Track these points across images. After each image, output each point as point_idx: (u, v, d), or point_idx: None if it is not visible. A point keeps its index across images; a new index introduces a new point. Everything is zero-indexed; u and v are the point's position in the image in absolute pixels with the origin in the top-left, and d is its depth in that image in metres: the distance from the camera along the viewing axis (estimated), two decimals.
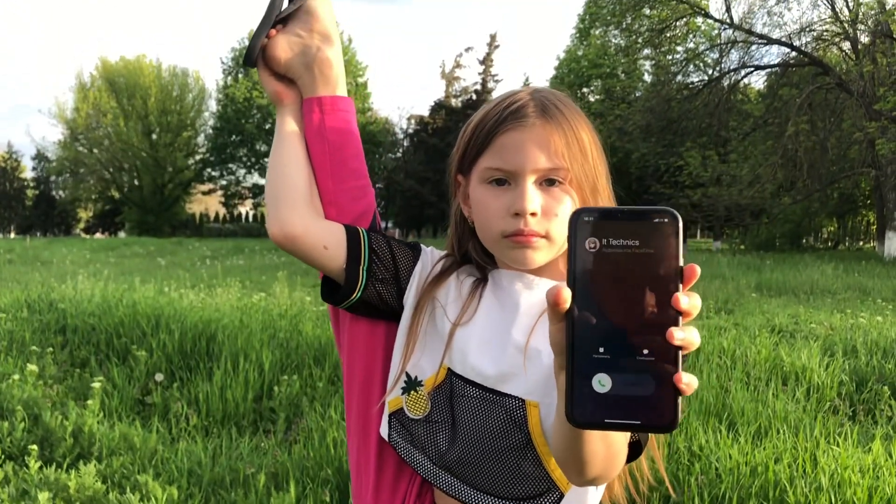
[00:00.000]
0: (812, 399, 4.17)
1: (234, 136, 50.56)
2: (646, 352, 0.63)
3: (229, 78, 51.54)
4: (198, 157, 58.00)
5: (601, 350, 0.63)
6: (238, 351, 4.76)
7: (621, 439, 0.83)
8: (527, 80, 71.01)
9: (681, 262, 0.63)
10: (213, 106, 56.92)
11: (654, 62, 33.42)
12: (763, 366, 4.59)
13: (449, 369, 1.09)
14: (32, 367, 4.16)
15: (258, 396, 4.43)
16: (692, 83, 30.49)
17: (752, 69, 28.11)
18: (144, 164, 56.19)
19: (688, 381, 0.61)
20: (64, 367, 4.93)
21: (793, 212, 29.89)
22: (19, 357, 4.82)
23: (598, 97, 38.09)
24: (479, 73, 53.36)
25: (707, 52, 30.84)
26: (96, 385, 4.02)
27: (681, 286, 0.62)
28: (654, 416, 0.63)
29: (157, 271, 15.85)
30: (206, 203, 68.55)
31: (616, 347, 0.63)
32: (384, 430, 1.15)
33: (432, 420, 1.10)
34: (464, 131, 1.11)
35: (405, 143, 53.02)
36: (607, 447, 0.79)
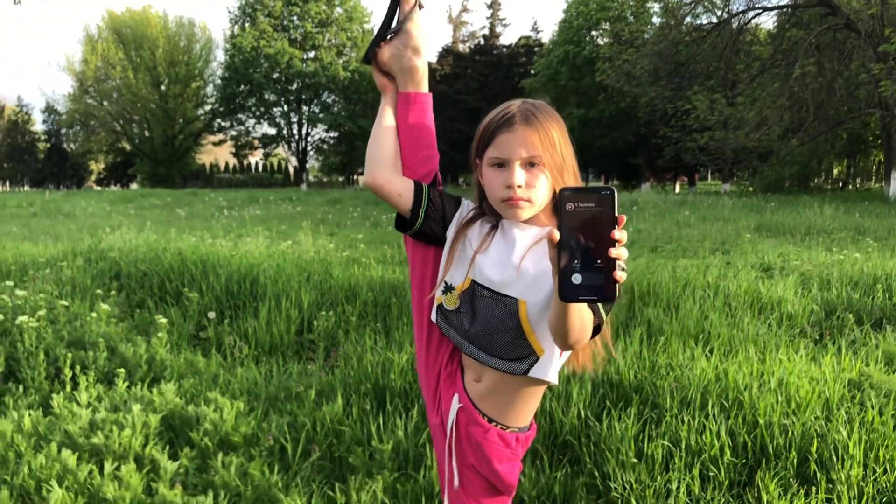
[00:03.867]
0: (784, 326, 4.76)
1: (242, 86, 50.53)
2: (599, 262, 1.22)
3: (236, 27, 51.34)
4: (207, 108, 58.23)
5: (575, 262, 1.22)
6: (279, 291, 5.37)
7: (589, 318, 1.42)
8: (535, 24, 70.35)
9: (616, 214, 1.21)
10: (220, 56, 57.03)
11: (662, 4, 33.33)
12: (743, 297, 5.17)
13: (472, 280, 1.70)
14: (105, 307, 4.78)
15: (299, 330, 5.06)
16: (701, 25, 30.46)
17: (761, 10, 28.03)
18: (154, 116, 56.45)
19: (620, 275, 1.21)
20: (123, 308, 5.56)
21: (800, 153, 30.14)
22: (85, 300, 5.45)
23: (606, 41, 38.01)
24: (487, 18, 53.16)
25: None
26: (163, 320, 4.64)
27: (616, 226, 1.21)
28: (604, 294, 1.22)
29: (178, 222, 16.48)
30: (215, 153, 68.91)
31: (583, 260, 1.22)
32: (434, 316, 1.80)
33: (460, 311, 1.73)
34: (478, 130, 1.71)
35: None
36: (581, 321, 1.39)
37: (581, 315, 1.37)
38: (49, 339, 4.39)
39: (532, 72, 45.35)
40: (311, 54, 51.29)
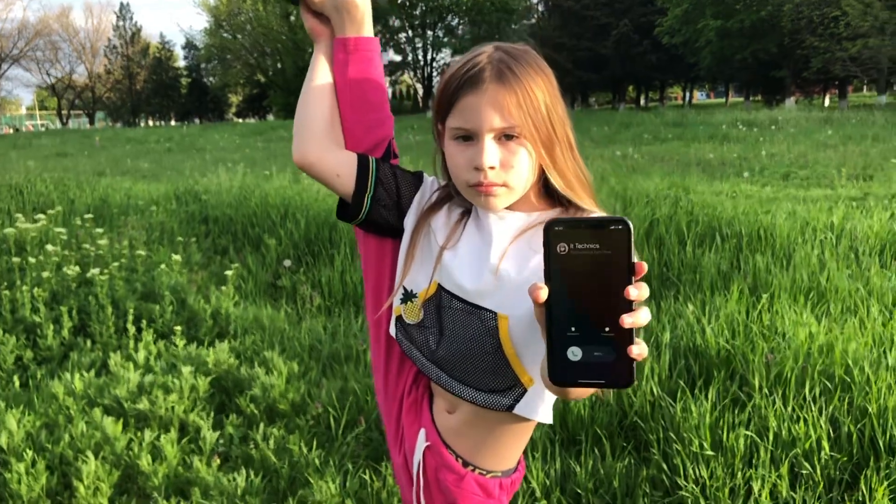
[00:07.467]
0: None
1: None
2: (607, 329, 0.80)
3: None
4: None
5: (573, 329, 0.81)
6: (356, 238, 5.14)
7: None
8: None
9: (633, 260, 0.79)
10: None
11: None
12: (874, 241, 4.44)
13: (439, 284, 1.29)
14: (177, 258, 4.71)
15: None
16: None
17: None
18: (285, 48, 57.53)
19: (639, 351, 0.79)
20: (208, 254, 5.51)
21: None
22: (169, 246, 5.43)
23: None
24: None
25: None
26: (230, 272, 4.52)
27: (632, 279, 0.79)
28: (614, 376, 0.81)
29: None
30: None
31: (584, 327, 0.81)
32: (392, 330, 1.39)
33: (424, 326, 1.32)
34: (437, 88, 1.26)
35: (539, 8, 51.23)
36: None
37: None
38: (121, 292, 4.36)
39: None
40: None
